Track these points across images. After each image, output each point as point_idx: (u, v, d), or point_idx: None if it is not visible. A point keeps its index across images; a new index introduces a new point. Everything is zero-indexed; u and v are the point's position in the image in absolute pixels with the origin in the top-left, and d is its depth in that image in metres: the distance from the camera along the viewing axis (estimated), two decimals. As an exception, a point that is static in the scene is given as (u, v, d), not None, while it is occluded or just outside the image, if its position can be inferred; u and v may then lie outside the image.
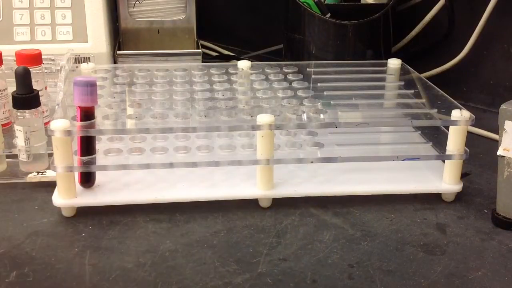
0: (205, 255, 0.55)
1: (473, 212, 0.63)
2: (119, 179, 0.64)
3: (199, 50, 0.94)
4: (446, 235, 0.59)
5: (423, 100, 0.71)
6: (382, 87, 0.78)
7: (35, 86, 0.67)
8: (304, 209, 0.62)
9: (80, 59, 0.84)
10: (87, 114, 0.60)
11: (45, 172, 0.67)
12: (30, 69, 0.65)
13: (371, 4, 0.92)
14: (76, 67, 0.81)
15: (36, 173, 0.67)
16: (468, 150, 0.64)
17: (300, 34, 0.90)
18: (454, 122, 0.62)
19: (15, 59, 0.73)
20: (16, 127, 0.64)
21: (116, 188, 0.63)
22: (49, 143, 0.62)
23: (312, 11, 0.88)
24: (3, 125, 0.70)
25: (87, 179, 0.62)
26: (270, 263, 0.53)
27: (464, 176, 0.66)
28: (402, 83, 0.78)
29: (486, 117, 0.88)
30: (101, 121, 0.63)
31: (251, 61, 0.82)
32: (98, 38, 0.88)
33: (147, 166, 0.62)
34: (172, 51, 0.93)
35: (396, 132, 0.76)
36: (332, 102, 0.70)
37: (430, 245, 0.57)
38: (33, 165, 0.66)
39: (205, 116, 0.66)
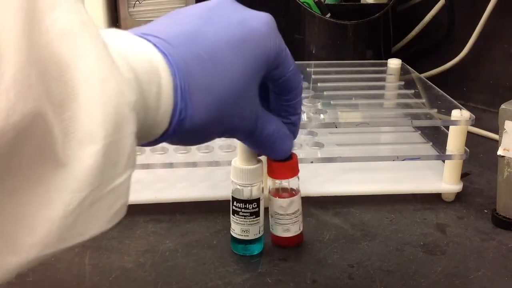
0: (205, 255, 0.55)
1: (473, 212, 0.63)
2: (119, 179, 0.64)
3: (199, 50, 0.94)
4: (446, 235, 0.59)
5: (423, 100, 0.71)
6: (382, 87, 0.78)
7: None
8: (304, 209, 0.62)
9: (80, 59, 0.84)
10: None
11: (45, 172, 0.66)
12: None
13: (371, 4, 0.92)
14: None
15: (36, 173, 0.66)
16: (468, 150, 0.63)
17: (300, 34, 0.90)
18: (454, 122, 0.62)
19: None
20: (16, 127, 0.64)
21: (116, 188, 0.63)
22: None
23: (312, 11, 0.88)
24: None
25: (87, 179, 0.62)
26: (270, 263, 0.53)
27: (464, 176, 0.66)
28: (402, 83, 0.78)
29: (486, 117, 0.88)
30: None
31: (251, 61, 0.81)
32: (98, 38, 0.88)
33: (147, 166, 0.62)
34: (172, 51, 0.93)
35: (396, 132, 0.76)
36: (332, 102, 0.70)
37: (430, 245, 0.57)
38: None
39: (205, 116, 0.66)
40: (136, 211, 0.61)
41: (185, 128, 0.34)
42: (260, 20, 0.38)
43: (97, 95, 0.26)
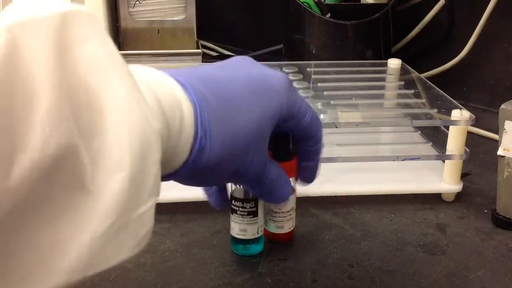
0: (205, 255, 0.55)
1: (473, 212, 0.63)
2: (119, 179, 0.64)
3: (199, 50, 0.94)
4: (446, 235, 0.59)
5: (423, 100, 0.71)
6: (382, 87, 0.78)
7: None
8: (304, 209, 0.62)
9: (80, 59, 0.84)
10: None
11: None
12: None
13: (371, 4, 0.92)
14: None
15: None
16: (468, 150, 0.64)
17: (300, 34, 0.90)
18: (454, 122, 0.62)
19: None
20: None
21: (116, 188, 0.63)
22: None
23: (312, 11, 0.88)
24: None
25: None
26: (270, 263, 0.53)
27: (464, 176, 0.66)
28: (402, 83, 0.78)
29: (486, 117, 0.88)
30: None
31: (251, 61, 0.81)
32: (98, 38, 0.88)
33: (147, 166, 0.62)
34: (172, 51, 0.93)
35: (396, 132, 0.76)
36: (332, 102, 0.70)
37: (430, 245, 0.57)
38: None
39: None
40: (136, 211, 0.61)
41: (203, 160, 0.35)
42: (277, 77, 0.41)
43: (124, 124, 0.27)
